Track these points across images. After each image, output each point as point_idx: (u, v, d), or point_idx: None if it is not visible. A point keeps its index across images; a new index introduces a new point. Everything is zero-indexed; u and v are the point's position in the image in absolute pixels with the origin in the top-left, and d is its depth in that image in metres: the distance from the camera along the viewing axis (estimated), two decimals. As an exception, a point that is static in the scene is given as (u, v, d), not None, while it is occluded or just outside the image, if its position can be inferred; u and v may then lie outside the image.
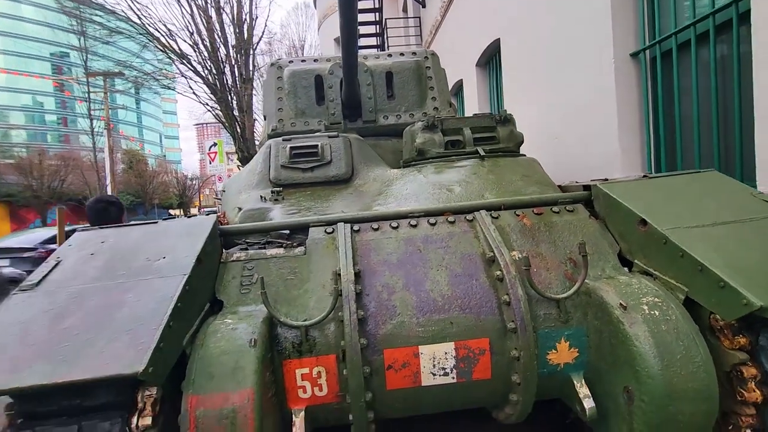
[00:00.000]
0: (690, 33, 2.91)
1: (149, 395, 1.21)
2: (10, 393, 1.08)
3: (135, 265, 1.49)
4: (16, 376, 1.09)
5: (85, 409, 1.18)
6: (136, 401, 1.20)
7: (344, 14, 2.24)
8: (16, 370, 1.10)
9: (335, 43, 15.00)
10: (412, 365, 1.57)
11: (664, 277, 1.55)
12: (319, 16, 16.14)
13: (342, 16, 2.26)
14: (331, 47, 15.14)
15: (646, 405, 1.37)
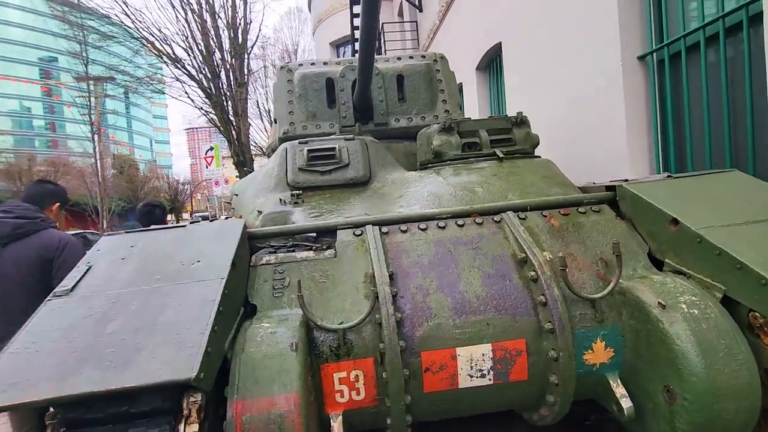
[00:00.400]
0: (699, 35, 2.96)
1: (194, 401, 1.18)
2: (61, 401, 1.04)
3: (170, 269, 1.46)
4: (66, 383, 1.05)
5: (132, 416, 1.15)
6: (182, 408, 1.17)
7: (366, 18, 2.23)
8: (64, 377, 1.07)
9: (330, 48, 15.04)
10: (449, 367, 1.56)
11: (698, 276, 1.57)
12: (313, 20, 16.17)
13: (363, 20, 2.26)
14: (326, 51, 15.16)
15: (689, 404, 1.37)
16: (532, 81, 4.97)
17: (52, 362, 1.12)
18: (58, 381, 1.06)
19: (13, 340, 1.21)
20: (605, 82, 3.67)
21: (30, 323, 1.26)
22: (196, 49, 13.19)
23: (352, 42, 11.35)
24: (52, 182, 3.11)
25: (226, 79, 13.37)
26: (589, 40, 3.84)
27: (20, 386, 1.06)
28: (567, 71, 4.19)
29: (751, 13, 2.58)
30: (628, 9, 3.48)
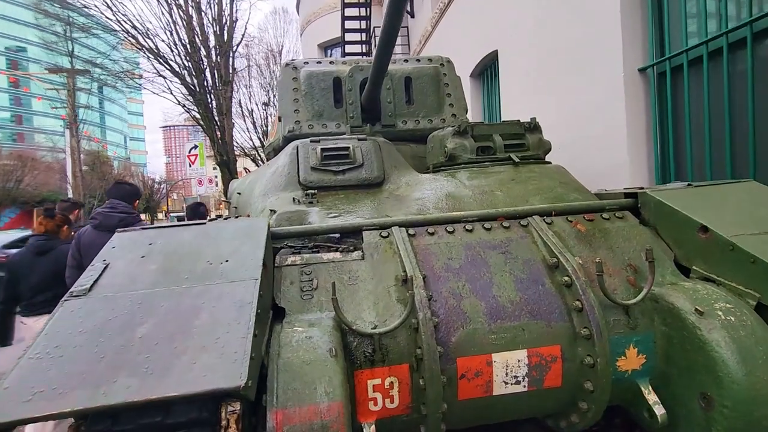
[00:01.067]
0: (702, 50, 3.05)
1: (233, 411, 1.09)
2: (94, 412, 0.94)
3: (198, 269, 1.37)
4: (99, 392, 0.96)
5: (166, 427, 1.05)
6: (220, 418, 1.09)
7: (389, 20, 2.18)
8: (97, 385, 0.97)
9: (319, 49, 14.93)
10: (484, 374, 1.52)
11: (730, 283, 1.58)
12: (301, 21, 16.03)
13: (387, 21, 2.20)
14: (314, 53, 15.04)
15: (729, 411, 1.37)
16: (531, 90, 5.04)
17: (80, 369, 1.02)
18: (90, 389, 0.96)
19: (31, 344, 1.10)
20: (607, 92, 3.74)
21: (48, 325, 1.15)
22: (180, 44, 12.88)
23: (342, 44, 11.29)
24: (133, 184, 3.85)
25: (211, 77, 13.08)
26: (590, 51, 3.91)
27: (47, 395, 0.95)
28: (568, 81, 4.26)
29: (755, 29, 2.67)
30: (630, 22, 3.56)
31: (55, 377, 1.00)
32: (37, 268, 2.98)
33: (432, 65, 3.50)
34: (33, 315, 2.95)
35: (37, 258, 3.01)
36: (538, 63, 4.83)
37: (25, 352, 1.08)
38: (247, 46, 18.93)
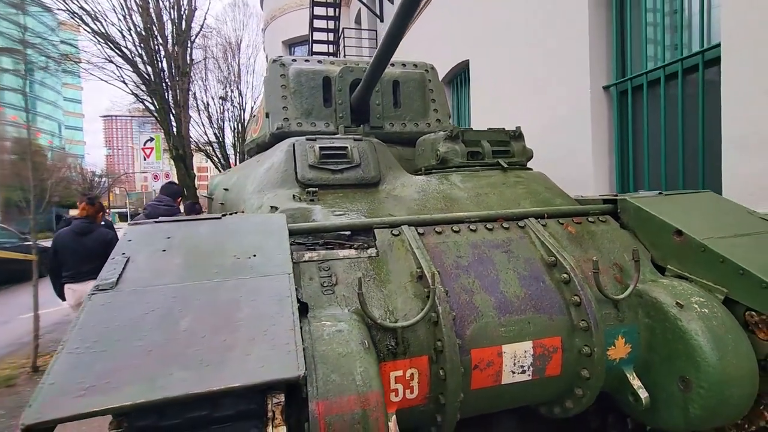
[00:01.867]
0: (660, 73, 3.39)
1: (278, 402, 1.11)
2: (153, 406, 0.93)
3: (226, 264, 1.36)
4: (156, 385, 0.94)
5: (213, 420, 1.05)
6: (266, 409, 1.10)
7: (397, 23, 2.25)
8: (152, 378, 0.96)
9: (283, 46, 14.67)
10: (495, 364, 1.63)
11: (701, 280, 1.80)
12: (265, 16, 15.66)
13: (394, 24, 2.27)
14: (278, 49, 14.75)
15: (704, 391, 1.57)
16: (501, 100, 5.30)
17: (129, 363, 0.99)
18: (146, 383, 0.95)
19: (66, 338, 1.05)
20: (574, 107, 4.04)
21: (81, 319, 1.11)
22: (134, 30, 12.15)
23: (310, 43, 11.18)
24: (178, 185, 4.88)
25: (168, 67, 12.45)
26: (560, 67, 4.20)
27: (100, 389, 0.93)
28: (538, 94, 4.54)
29: (706, 58, 3.02)
30: (597, 42, 3.89)
31: (104, 371, 0.97)
32: (81, 245, 3.71)
33: (418, 71, 3.61)
34: (80, 281, 3.68)
35: (80, 237, 3.74)
36: (509, 75, 5.10)
37: (63, 346, 1.03)
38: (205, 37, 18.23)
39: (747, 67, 2.59)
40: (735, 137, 2.68)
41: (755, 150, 2.55)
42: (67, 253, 3.73)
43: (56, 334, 5.90)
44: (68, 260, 3.73)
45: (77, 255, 3.70)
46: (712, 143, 3.02)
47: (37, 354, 4.54)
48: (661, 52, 3.46)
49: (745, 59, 2.60)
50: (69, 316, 7.28)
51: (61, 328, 6.24)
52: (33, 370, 4.45)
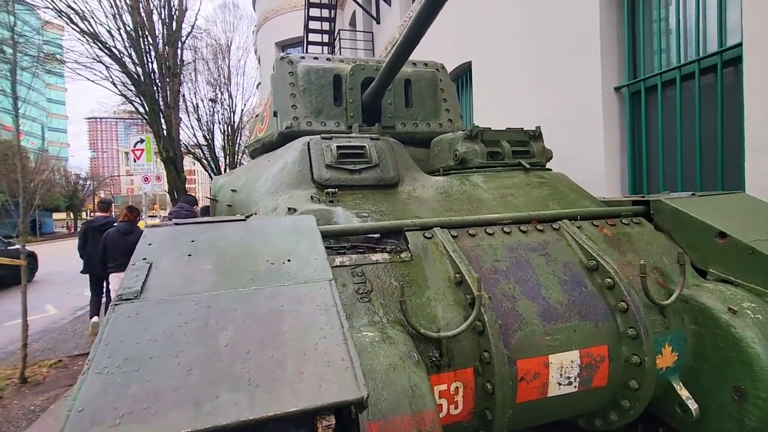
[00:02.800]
0: (675, 74, 3.35)
1: (328, 425, 0.99)
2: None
3: (260, 269, 1.23)
4: (203, 410, 0.81)
5: (259, 447, 0.93)
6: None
7: (419, 22, 2.15)
8: (199, 402, 0.82)
9: (276, 48, 14.52)
10: (542, 376, 1.52)
11: (749, 284, 1.72)
12: (258, 18, 15.48)
13: (415, 23, 2.17)
14: (270, 51, 14.59)
15: (762, 402, 1.48)
16: (505, 101, 5.24)
17: (167, 384, 0.86)
18: (191, 409, 0.82)
19: (91, 356, 0.92)
20: (586, 108, 3.98)
21: (106, 333, 0.97)
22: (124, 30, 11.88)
23: (305, 44, 11.06)
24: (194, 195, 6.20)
25: (158, 68, 12.18)
26: (569, 68, 4.15)
27: (138, 417, 0.79)
28: (545, 96, 4.49)
29: (725, 58, 2.99)
30: (608, 43, 3.84)
31: (141, 395, 0.83)
32: (124, 241, 4.76)
33: (429, 69, 3.52)
34: (121, 270, 4.42)
35: (124, 235, 4.86)
36: (512, 76, 5.05)
37: (89, 365, 0.90)
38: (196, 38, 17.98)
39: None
40: (758, 138, 2.63)
41: (780, 151, 2.51)
42: (113, 248, 4.83)
43: (43, 342, 5.65)
44: (114, 254, 4.82)
45: (121, 250, 4.73)
46: (731, 144, 2.98)
47: (25, 364, 4.31)
48: (676, 52, 3.42)
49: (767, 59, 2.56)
50: (56, 323, 7.01)
51: (48, 336, 5.98)
52: (21, 382, 4.21)
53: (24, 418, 3.46)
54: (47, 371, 4.58)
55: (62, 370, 4.64)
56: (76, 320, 6.91)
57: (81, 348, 5.31)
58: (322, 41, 11.66)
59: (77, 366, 4.72)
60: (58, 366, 4.74)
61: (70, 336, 5.92)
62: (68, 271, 12.96)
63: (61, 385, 4.17)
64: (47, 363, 4.79)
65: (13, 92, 4.67)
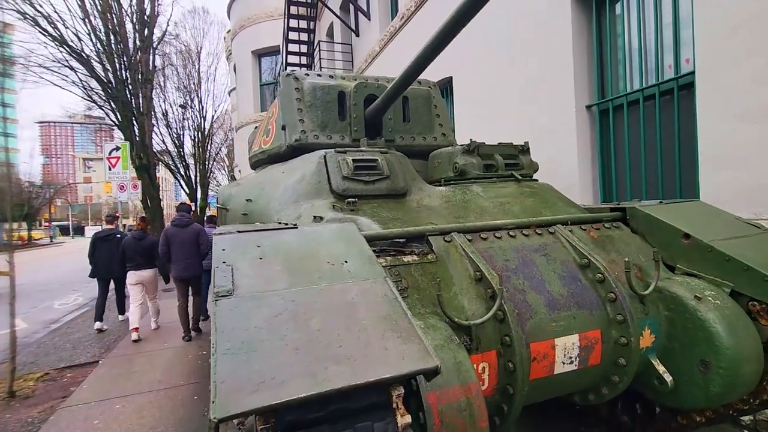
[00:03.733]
0: (639, 95, 3.81)
1: (399, 394, 1.22)
2: (320, 397, 1.01)
3: (324, 269, 1.45)
4: (318, 379, 1.02)
5: (350, 411, 1.15)
6: (391, 400, 1.21)
7: (438, 42, 2.41)
8: (313, 374, 1.03)
9: (252, 56, 14.53)
10: (549, 356, 1.81)
11: (709, 277, 2.09)
12: (234, 25, 15.44)
13: (434, 43, 2.42)
14: (247, 59, 14.58)
15: (723, 371, 1.83)
16: (485, 115, 5.63)
17: (284, 361, 1.07)
18: (308, 378, 1.03)
19: (214, 341, 1.11)
20: (561, 123, 4.40)
21: (218, 324, 1.16)
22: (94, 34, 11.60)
23: (283, 54, 11.18)
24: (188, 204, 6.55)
25: (130, 74, 11.95)
26: (545, 86, 4.57)
27: (270, 386, 1.00)
28: (523, 111, 4.89)
29: (681, 83, 3.45)
30: (580, 66, 4.28)
31: (265, 369, 1.04)
32: (139, 246, 5.79)
33: (424, 87, 3.81)
34: (137, 270, 5.78)
35: (138, 241, 5.81)
36: (493, 92, 5.44)
37: (215, 348, 1.09)
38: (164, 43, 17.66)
39: (719, 94, 3.00)
40: (709, 154, 3.08)
41: (728, 165, 2.96)
42: (131, 251, 5.79)
43: (23, 356, 5.46)
44: (131, 256, 5.78)
45: (137, 252, 5.79)
46: (687, 158, 3.44)
47: (14, 377, 4.22)
48: (639, 76, 3.89)
49: (716, 86, 3.01)
50: (29, 337, 6.75)
51: (26, 350, 5.78)
52: (9, 396, 4.13)
53: (23, 430, 3.44)
54: (35, 384, 4.49)
55: (51, 383, 4.56)
56: (53, 334, 6.69)
57: (66, 360, 5.20)
58: (300, 51, 11.83)
59: (66, 378, 4.64)
60: (45, 379, 4.64)
61: (51, 349, 5.76)
62: (31, 283, 12.37)
63: (54, 398, 4.12)
64: (33, 376, 4.68)
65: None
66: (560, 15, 4.33)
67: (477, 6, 2.11)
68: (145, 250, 5.80)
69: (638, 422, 2.55)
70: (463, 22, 2.24)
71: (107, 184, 17.49)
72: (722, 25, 2.94)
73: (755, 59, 2.77)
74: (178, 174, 21.80)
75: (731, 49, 2.90)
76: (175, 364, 4.73)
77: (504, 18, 5.08)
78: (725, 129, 2.98)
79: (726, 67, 2.94)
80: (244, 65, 14.80)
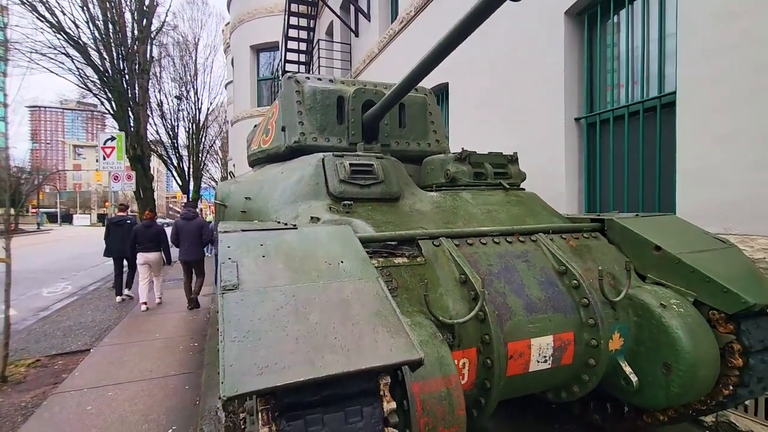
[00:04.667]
0: (624, 111, 3.99)
1: (386, 383, 1.36)
2: (315, 382, 1.15)
3: (321, 268, 1.58)
4: (316, 366, 1.16)
5: (342, 396, 1.28)
6: (379, 388, 1.35)
7: (440, 51, 2.53)
8: (311, 361, 1.17)
9: (251, 51, 14.55)
10: (525, 355, 1.97)
11: (675, 287, 2.26)
12: (233, 19, 15.42)
13: (436, 52, 2.55)
14: (245, 54, 14.59)
15: (683, 373, 2.00)
16: (479, 122, 5.79)
17: (285, 348, 1.20)
18: (307, 365, 1.16)
19: (222, 330, 1.24)
20: (550, 134, 4.57)
21: (225, 314, 1.29)
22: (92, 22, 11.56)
23: (282, 51, 11.24)
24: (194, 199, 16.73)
25: (128, 63, 11.93)
26: (537, 98, 4.74)
27: (274, 370, 1.13)
28: (515, 120, 5.06)
29: (663, 102, 3.64)
30: (570, 79, 4.46)
31: (268, 355, 1.17)
32: (148, 232, 6.95)
33: (420, 95, 3.96)
34: (146, 252, 6.94)
35: (147, 228, 6.98)
36: (487, 101, 5.61)
37: (222, 336, 1.22)
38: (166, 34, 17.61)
39: (696, 114, 3.19)
40: (687, 171, 3.26)
41: (703, 182, 3.14)
42: (141, 236, 6.97)
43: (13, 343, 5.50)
44: (141, 240, 6.96)
45: (146, 237, 6.98)
46: (667, 173, 3.62)
47: (6, 363, 4.28)
48: (625, 93, 4.07)
49: (695, 107, 3.19)
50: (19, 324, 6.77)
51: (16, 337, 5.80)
52: (1, 381, 4.20)
53: (18, 414, 3.52)
54: (26, 370, 4.56)
55: (42, 369, 4.63)
56: (43, 321, 6.73)
57: (57, 348, 5.27)
58: (299, 49, 11.90)
59: (57, 365, 4.71)
60: (37, 365, 4.71)
61: (41, 337, 5.81)
62: (19, 270, 12.27)
63: (46, 383, 4.20)
64: (24, 363, 4.75)
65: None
66: (554, 30, 4.50)
67: (481, 17, 2.19)
68: (153, 236, 7.05)
69: (608, 420, 2.72)
70: (466, 33, 2.34)
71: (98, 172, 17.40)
72: (701, 48, 3.12)
73: (729, 85, 2.95)
74: (171, 165, 21.74)
75: (709, 73, 3.08)
76: (166, 355, 4.82)
77: (501, 32, 5.24)
78: (701, 148, 3.16)
79: (705, 89, 3.12)
80: (242, 60, 14.82)
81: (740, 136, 2.92)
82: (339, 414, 1.25)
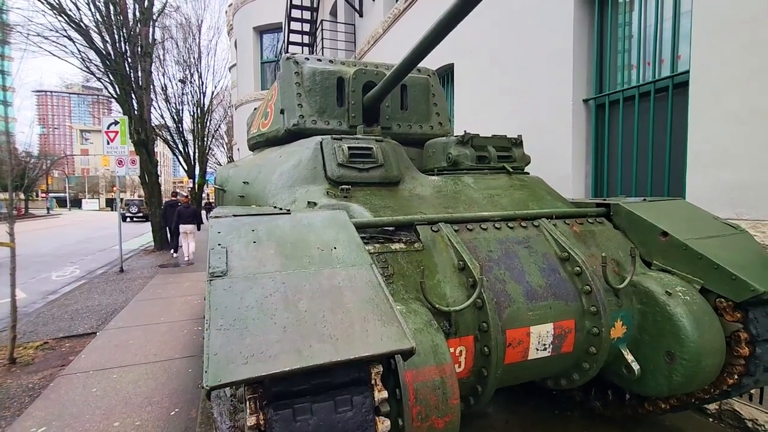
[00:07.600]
0: (635, 91, 3.85)
1: (377, 372, 1.33)
2: (302, 372, 1.11)
3: (314, 255, 1.53)
4: (303, 355, 1.12)
5: (332, 386, 1.25)
6: (370, 377, 1.31)
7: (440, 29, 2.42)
8: (299, 350, 1.14)
9: (254, 33, 14.31)
10: (524, 343, 1.93)
11: (681, 273, 2.19)
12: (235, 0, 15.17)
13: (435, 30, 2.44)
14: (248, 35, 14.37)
15: (687, 362, 1.95)
16: (484, 104, 5.65)
17: (272, 337, 1.17)
18: (294, 354, 1.13)
19: (208, 318, 1.21)
20: (557, 116, 4.44)
21: (211, 301, 1.25)
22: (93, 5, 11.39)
23: (285, 32, 11.03)
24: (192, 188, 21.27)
25: (130, 46, 11.79)
26: (544, 79, 4.59)
27: (260, 359, 1.10)
28: (522, 101, 4.92)
29: (676, 82, 3.50)
30: (579, 59, 4.30)
31: (254, 344, 1.13)
32: (188, 212, 10.45)
33: (423, 76, 3.84)
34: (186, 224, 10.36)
35: (186, 208, 10.55)
36: (493, 81, 5.46)
37: (208, 324, 1.18)
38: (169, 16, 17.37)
39: (710, 94, 3.06)
40: (698, 153, 3.15)
41: (715, 165, 3.03)
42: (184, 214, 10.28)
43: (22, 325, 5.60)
44: (183, 217, 10.26)
45: (187, 216, 10.29)
46: (677, 156, 3.51)
47: (14, 345, 4.35)
48: (636, 73, 3.92)
49: (709, 86, 3.06)
50: (28, 307, 6.89)
51: (25, 320, 5.91)
52: (10, 362, 4.27)
53: (25, 395, 3.58)
54: (34, 353, 4.63)
55: (50, 351, 4.70)
56: (51, 305, 6.83)
57: (65, 330, 5.35)
58: (302, 30, 11.68)
59: (65, 348, 4.79)
60: (44, 348, 4.79)
61: (49, 320, 5.90)
62: (29, 254, 12.49)
63: (53, 365, 4.27)
64: (33, 345, 4.83)
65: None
66: (563, 8, 4.33)
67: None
68: (191, 214, 10.38)
69: (609, 407, 2.70)
70: (469, 8, 2.25)
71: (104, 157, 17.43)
72: (717, 26, 2.97)
73: (748, 61, 2.82)
74: (177, 150, 21.72)
75: (725, 50, 2.94)
76: (169, 339, 4.88)
77: (508, 11, 5.06)
78: (713, 130, 3.04)
79: (719, 68, 2.98)
80: (245, 42, 14.60)
81: (754, 117, 2.80)
82: (328, 403, 1.22)
